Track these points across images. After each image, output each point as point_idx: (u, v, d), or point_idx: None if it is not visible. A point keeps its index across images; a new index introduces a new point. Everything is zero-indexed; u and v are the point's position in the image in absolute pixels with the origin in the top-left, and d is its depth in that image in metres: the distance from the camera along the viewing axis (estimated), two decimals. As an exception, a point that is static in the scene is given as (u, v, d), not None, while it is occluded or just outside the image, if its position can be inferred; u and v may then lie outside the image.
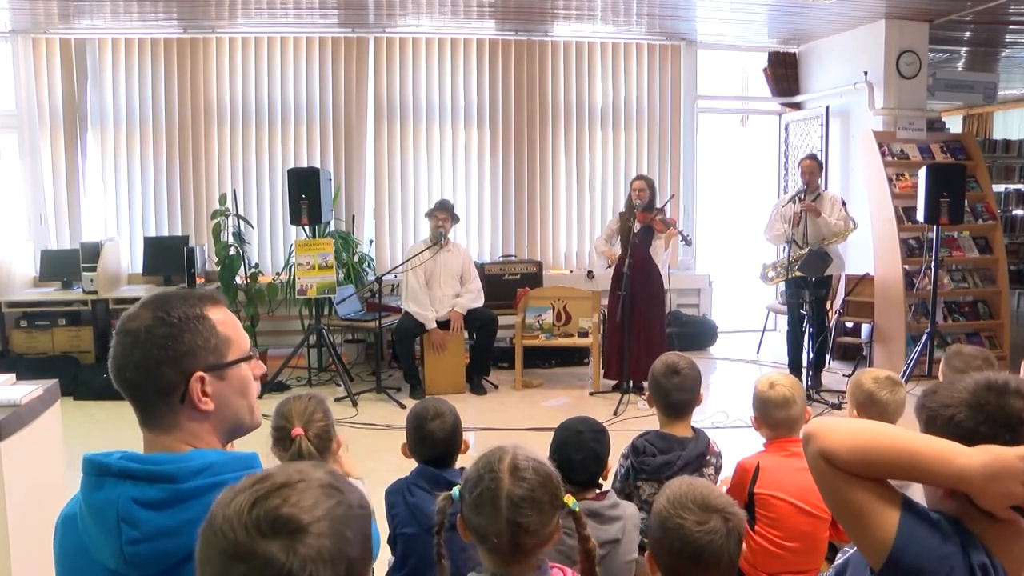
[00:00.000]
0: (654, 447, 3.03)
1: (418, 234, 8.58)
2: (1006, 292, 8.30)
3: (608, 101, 9.35)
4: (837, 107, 9.14)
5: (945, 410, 1.49)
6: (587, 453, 2.60)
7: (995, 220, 8.34)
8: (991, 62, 10.95)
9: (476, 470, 1.81)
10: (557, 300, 7.64)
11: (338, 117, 8.81)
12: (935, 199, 6.86)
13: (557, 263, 9.29)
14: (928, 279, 7.32)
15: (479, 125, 9.10)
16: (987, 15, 8.07)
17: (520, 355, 7.45)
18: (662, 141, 9.47)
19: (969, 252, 8.22)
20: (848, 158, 8.99)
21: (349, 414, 6.61)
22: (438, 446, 2.76)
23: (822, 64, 9.44)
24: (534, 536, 1.73)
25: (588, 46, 9.23)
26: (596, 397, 7.15)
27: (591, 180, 9.35)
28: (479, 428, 6.20)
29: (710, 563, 1.80)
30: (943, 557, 1.40)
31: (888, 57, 8.29)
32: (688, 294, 9.37)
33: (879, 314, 8.06)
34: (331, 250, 7.37)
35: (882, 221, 8.04)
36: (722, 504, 1.86)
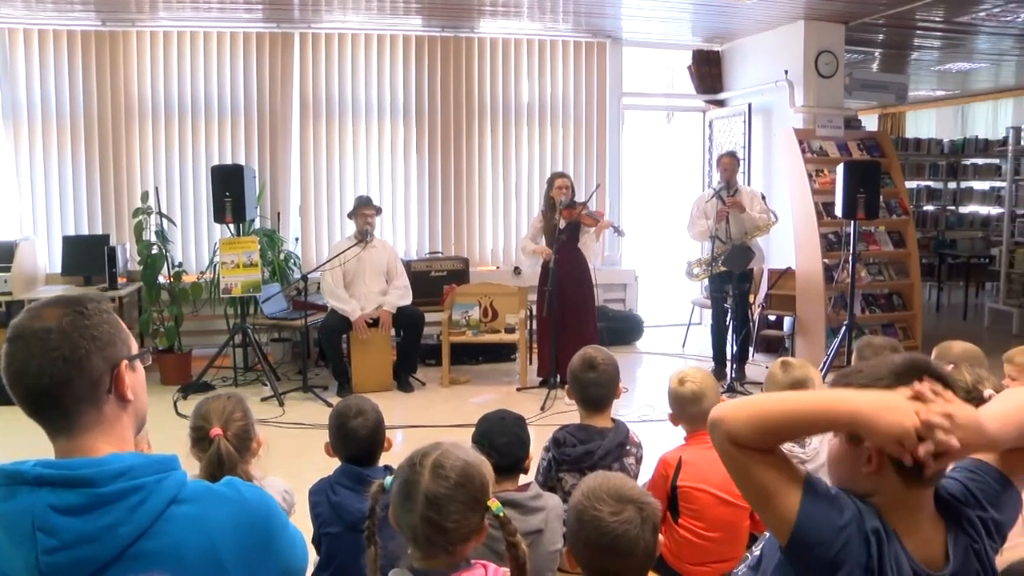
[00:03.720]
0: (575, 438, 3.07)
1: (344, 231, 8.51)
2: (918, 285, 8.57)
3: (535, 98, 9.39)
4: (759, 105, 9.32)
5: (877, 383, 1.55)
6: (511, 436, 2.65)
7: (908, 215, 8.61)
8: (902, 64, 11.29)
9: (404, 462, 1.83)
10: (484, 296, 7.66)
11: (263, 114, 8.69)
12: (852, 195, 7.03)
13: (484, 259, 9.32)
14: (846, 272, 7.51)
15: (406, 122, 9.06)
16: (897, 19, 8.32)
17: (447, 352, 7.46)
18: (588, 138, 9.55)
19: (884, 246, 8.47)
20: (770, 154, 9.18)
21: (275, 414, 6.53)
22: (361, 444, 2.76)
23: (745, 63, 9.62)
24: (447, 534, 1.74)
25: (515, 43, 9.27)
26: (523, 393, 7.19)
27: (518, 176, 9.39)
28: (407, 426, 6.19)
29: (626, 553, 1.83)
30: (839, 528, 1.47)
31: (807, 57, 8.49)
32: (614, 289, 9.47)
33: (800, 307, 8.26)
34: (256, 248, 7.28)
35: (803, 216, 8.23)
36: (636, 495, 1.89)
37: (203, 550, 1.37)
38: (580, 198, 7.52)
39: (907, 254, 8.52)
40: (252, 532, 1.44)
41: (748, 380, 7.29)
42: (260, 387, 7.26)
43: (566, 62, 9.44)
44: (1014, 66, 11.50)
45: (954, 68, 11.57)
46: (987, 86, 13.52)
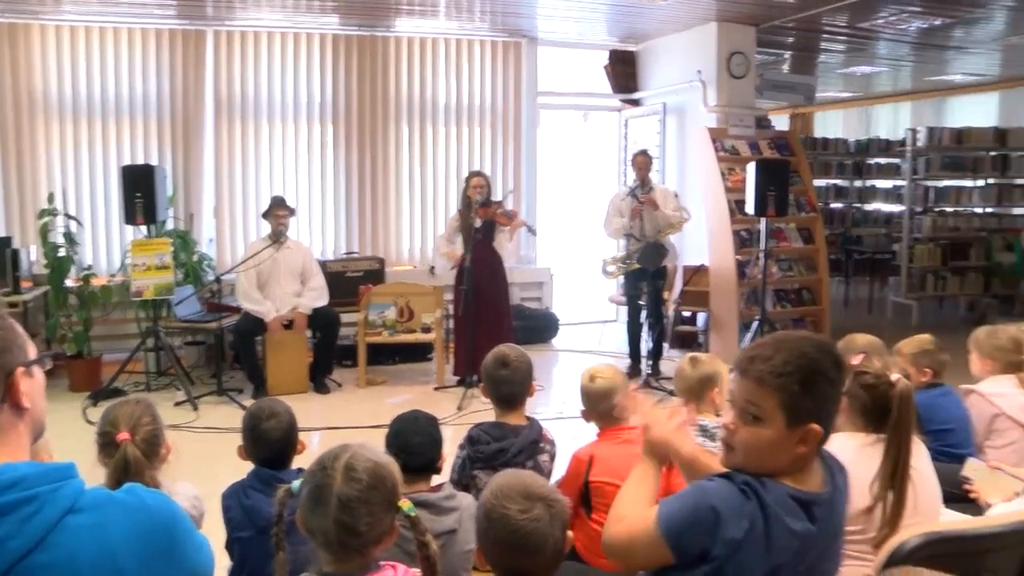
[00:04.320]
0: (488, 436, 3.09)
1: (260, 232, 8.38)
2: (826, 280, 8.83)
3: (451, 97, 9.38)
4: (673, 104, 9.48)
5: (823, 371, 1.78)
6: (425, 436, 2.64)
7: (816, 212, 8.86)
8: (811, 66, 11.61)
9: (313, 466, 1.82)
10: (400, 296, 7.64)
11: (175, 113, 8.50)
12: (763, 193, 7.21)
13: (400, 259, 9.28)
14: (758, 269, 7.69)
15: (322, 121, 8.97)
16: (805, 23, 8.55)
17: (364, 353, 7.42)
18: (504, 137, 9.59)
19: (794, 243, 8.70)
20: (684, 153, 9.33)
21: (189, 418, 6.42)
22: (273, 447, 2.73)
23: (659, 63, 9.77)
24: (361, 537, 1.74)
25: (431, 42, 9.24)
26: (440, 392, 7.19)
27: (434, 176, 9.37)
28: (323, 427, 6.15)
29: (535, 550, 1.85)
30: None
31: (720, 58, 8.66)
32: (530, 288, 9.53)
33: (714, 303, 8.43)
34: (168, 250, 7.13)
35: (716, 214, 8.40)
36: (545, 492, 1.92)
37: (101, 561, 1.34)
38: (497, 197, 7.54)
39: (816, 250, 8.76)
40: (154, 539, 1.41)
41: (663, 376, 7.41)
42: (174, 391, 7.12)
43: (483, 61, 9.47)
44: (911, 71, 11.95)
45: (858, 71, 11.95)
46: (888, 89, 14.01)
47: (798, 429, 1.76)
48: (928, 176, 11.42)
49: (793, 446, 1.77)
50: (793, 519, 1.74)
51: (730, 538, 1.70)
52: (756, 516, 1.71)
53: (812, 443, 1.78)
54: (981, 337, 3.82)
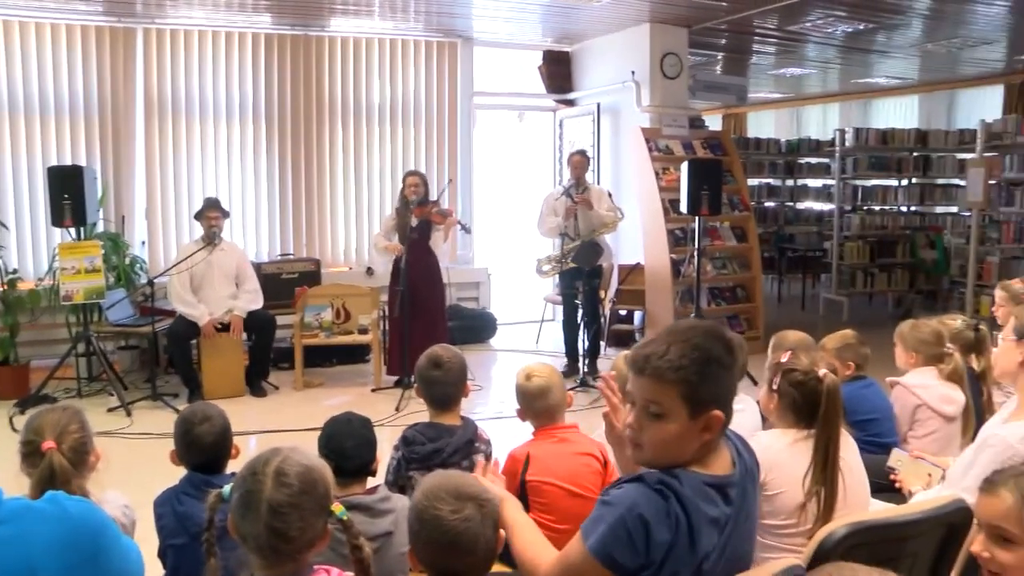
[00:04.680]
0: (423, 436, 3.09)
1: (194, 234, 8.24)
2: (759, 277, 8.99)
3: (386, 97, 9.34)
4: (608, 104, 9.56)
5: (713, 359, 1.81)
6: (359, 439, 2.64)
7: (749, 211, 9.02)
8: (743, 67, 11.80)
9: (244, 471, 1.80)
10: (336, 298, 7.59)
11: (104, 112, 8.31)
12: (697, 192, 7.30)
13: (336, 260, 9.22)
14: (692, 267, 7.79)
15: (255, 121, 8.86)
16: (737, 25, 8.70)
17: (300, 355, 7.35)
18: (440, 137, 9.58)
19: (728, 241, 8.84)
20: (619, 153, 9.43)
21: (123, 424, 6.30)
22: (207, 451, 2.70)
23: (594, 63, 9.84)
24: (293, 542, 1.72)
25: (366, 42, 9.20)
26: (378, 393, 7.16)
27: (369, 176, 9.32)
28: (260, 431, 6.08)
29: (467, 550, 1.85)
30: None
31: (653, 58, 8.77)
32: (467, 288, 9.53)
33: (650, 301, 8.53)
34: (99, 253, 6.99)
35: (650, 213, 8.50)
36: (475, 492, 1.92)
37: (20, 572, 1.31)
38: (433, 196, 7.53)
39: (749, 248, 8.91)
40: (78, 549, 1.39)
41: (600, 375, 7.47)
42: (106, 397, 6.97)
43: (417, 62, 9.44)
44: (838, 73, 12.24)
45: (788, 73, 12.20)
46: (817, 90, 14.33)
47: (700, 418, 1.79)
48: (856, 175, 11.69)
49: (698, 434, 1.81)
50: (711, 506, 1.77)
51: (662, 542, 1.72)
52: (679, 513, 1.73)
53: (715, 428, 1.81)
54: (905, 331, 3.93)
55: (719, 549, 1.79)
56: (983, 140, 9.14)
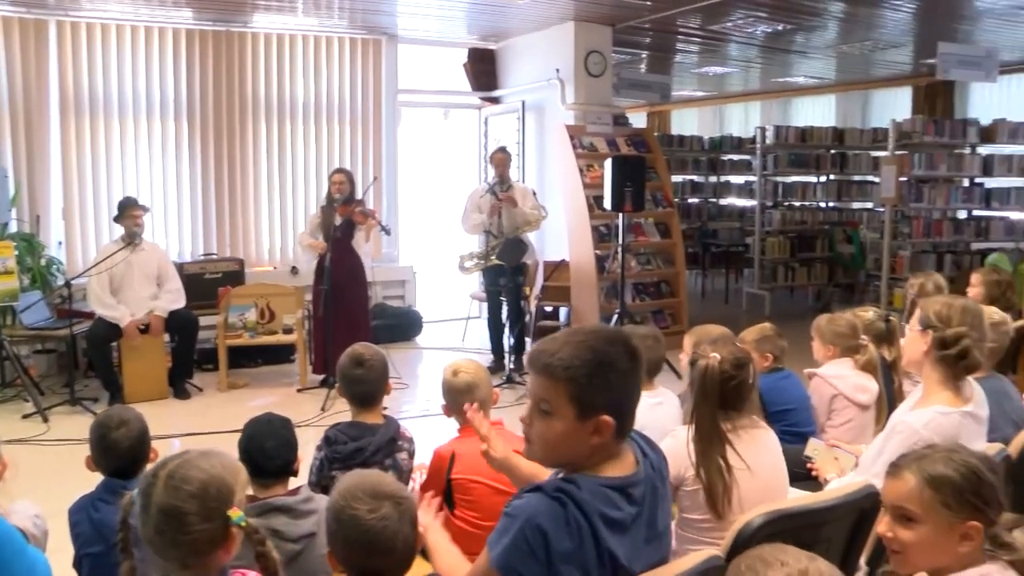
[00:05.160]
0: (345, 435, 3.07)
1: (112, 233, 8.05)
2: (683, 273, 9.13)
3: (311, 95, 9.24)
4: (532, 102, 9.61)
5: (605, 363, 1.80)
6: (279, 440, 2.61)
7: (672, 207, 9.14)
8: (667, 66, 11.97)
9: (146, 472, 1.78)
10: (260, 298, 7.49)
11: (15, 108, 8.04)
12: (620, 188, 7.38)
13: (260, 260, 9.10)
14: (617, 263, 7.87)
15: (176, 119, 8.69)
16: (661, 23, 8.82)
17: (224, 355, 7.24)
18: (365, 134, 9.51)
19: (652, 237, 8.95)
20: (543, 150, 9.48)
21: (39, 431, 6.13)
22: (123, 456, 2.64)
23: (518, 61, 9.88)
24: (182, 547, 1.69)
25: (289, 39, 9.08)
26: (304, 393, 7.10)
27: (294, 174, 9.22)
28: (184, 434, 5.97)
29: (386, 550, 1.85)
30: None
31: (577, 56, 8.83)
32: (393, 286, 9.49)
33: (575, 297, 8.60)
34: (11, 254, 6.80)
35: (575, 210, 8.57)
36: (392, 490, 1.91)
37: None
38: (359, 193, 7.49)
39: (673, 244, 9.04)
40: None
41: (527, 372, 7.48)
42: (21, 403, 6.76)
43: (342, 59, 9.37)
44: (759, 72, 12.50)
45: (711, 71, 12.41)
46: (739, 89, 14.60)
47: (589, 420, 1.79)
48: (776, 172, 11.93)
49: (587, 437, 1.80)
50: (612, 508, 1.78)
51: (564, 551, 1.72)
52: (579, 519, 1.74)
53: (606, 433, 1.80)
54: (822, 324, 4.04)
55: (630, 549, 1.81)
56: (894, 139, 9.42)
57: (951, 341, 2.79)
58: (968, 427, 2.75)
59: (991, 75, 8.50)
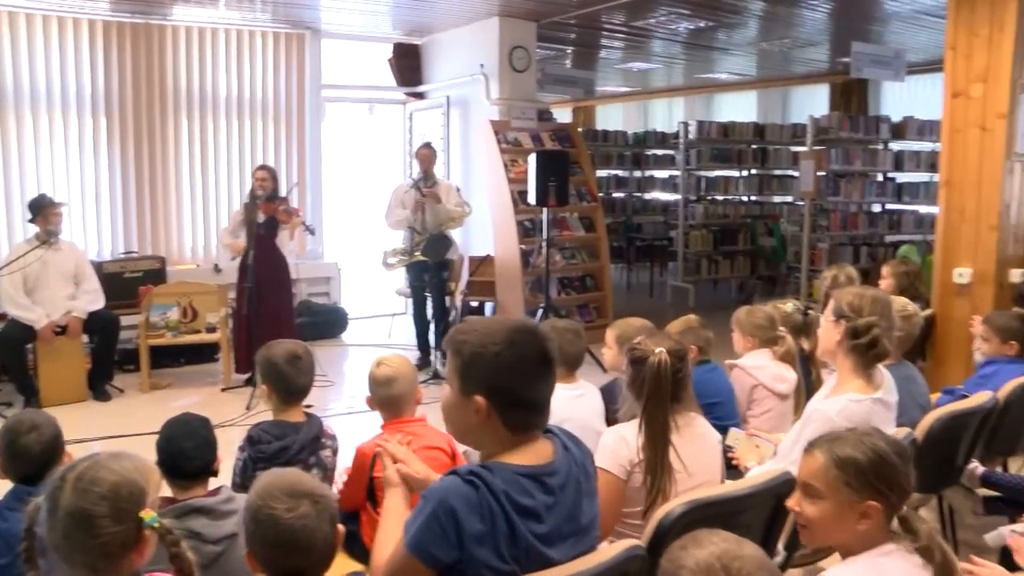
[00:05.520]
0: (269, 435, 3.04)
1: (26, 232, 7.80)
2: (608, 266, 9.22)
3: (233, 89, 9.10)
4: (457, 97, 9.60)
5: (490, 347, 1.86)
6: (198, 440, 2.57)
7: (596, 202, 9.23)
8: (592, 61, 12.07)
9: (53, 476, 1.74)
10: (183, 296, 7.36)
11: (-82, 101, 7.79)
12: (544, 183, 7.42)
13: (183, 258, 8.93)
14: (541, 257, 7.91)
15: (94, 113, 8.45)
16: (585, 20, 8.89)
17: (146, 356, 7.10)
18: (288, 130, 9.39)
19: (577, 231, 9.02)
20: (468, 145, 9.49)
21: (-53, 438, 5.93)
22: (34, 462, 2.57)
23: (443, 56, 9.86)
24: (90, 552, 1.66)
25: (211, 32, 8.92)
26: (228, 393, 7.00)
27: (217, 171, 9.07)
28: (104, 437, 5.83)
29: (305, 548, 1.83)
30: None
31: (502, 51, 8.84)
32: (318, 283, 9.40)
33: (500, 292, 8.62)
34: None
35: (500, 205, 8.60)
36: (311, 488, 1.89)
37: None
38: (283, 192, 7.40)
39: (597, 238, 9.12)
40: None
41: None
42: (-73, 409, 6.55)
43: (265, 53, 9.24)
44: (683, 68, 12.69)
45: (635, 67, 12.54)
46: (663, 84, 14.79)
47: (469, 398, 1.88)
48: (699, 167, 12.12)
49: (470, 415, 1.89)
50: (525, 496, 1.82)
51: (475, 532, 1.76)
52: (491, 503, 1.77)
53: (481, 414, 1.87)
54: (741, 317, 4.12)
55: (547, 538, 1.84)
56: (812, 134, 9.66)
57: (862, 331, 2.87)
58: (878, 413, 2.84)
59: (899, 75, 8.76)
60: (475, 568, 1.77)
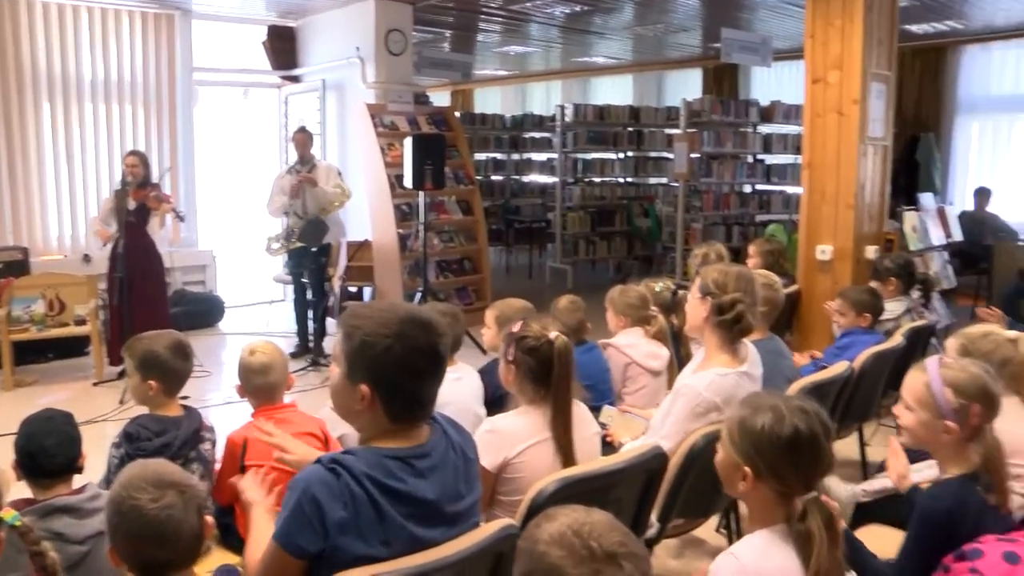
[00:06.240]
0: (149, 431, 2.92)
1: None
2: (486, 249, 9.26)
3: (99, 71, 8.73)
4: (333, 81, 9.48)
5: (380, 339, 1.85)
6: (61, 436, 2.48)
7: (474, 185, 9.25)
8: (470, 45, 12.07)
9: None
10: (48, 288, 7.05)
11: None
12: (420, 167, 7.39)
13: (48, 248, 8.56)
14: (419, 241, 7.88)
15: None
16: (463, 2, 8.89)
17: (8, 352, 6.75)
18: (159, 114, 9.09)
19: (454, 215, 9.03)
20: (345, 129, 9.39)
21: None
22: None
23: (319, 39, 9.72)
24: None
25: (72, 10, 8.53)
26: (101, 387, 6.75)
27: (84, 156, 8.71)
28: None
29: (171, 540, 1.79)
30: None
31: (378, 34, 8.76)
32: (193, 271, 9.16)
33: (379, 276, 8.58)
34: None
35: (377, 189, 8.54)
36: (176, 478, 1.85)
37: None
38: (156, 178, 7.16)
39: (475, 221, 9.16)
40: None
41: (328, 354, 7.41)
42: None
43: (132, 34, 8.91)
44: (560, 52, 12.82)
45: (513, 51, 12.60)
46: (541, 68, 14.91)
47: (355, 385, 1.88)
48: (576, 149, 12.27)
49: (354, 400, 1.89)
50: (392, 479, 1.83)
51: (338, 520, 1.77)
52: (354, 489, 1.78)
53: (365, 405, 1.89)
54: (614, 296, 4.21)
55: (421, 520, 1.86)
56: (685, 117, 9.91)
57: (727, 307, 2.98)
58: (744, 386, 2.96)
59: (766, 60, 9.09)
60: (342, 555, 1.78)
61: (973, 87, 11.27)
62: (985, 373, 2.33)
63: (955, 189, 11.37)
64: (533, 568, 1.42)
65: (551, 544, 1.41)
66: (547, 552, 1.40)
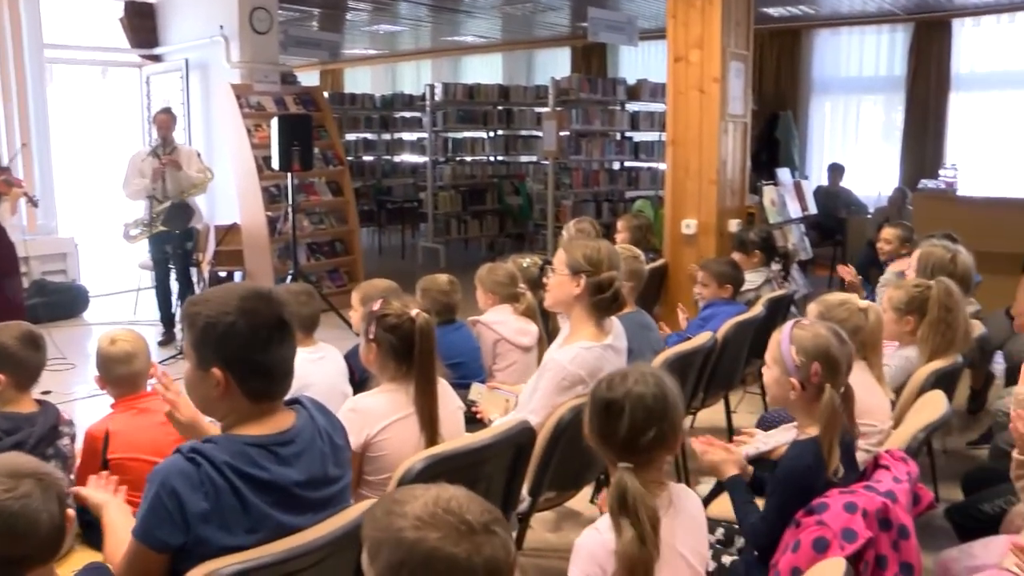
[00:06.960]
0: (0, 430, 2.81)
1: None
2: (357, 230, 9.18)
3: (-65, 48, 8.24)
4: (196, 60, 9.22)
5: (223, 317, 1.84)
6: None
7: (344, 165, 9.14)
8: (339, 23, 11.89)
9: None
10: None
11: None
12: (287, 148, 7.25)
13: None
14: (288, 223, 7.75)
15: None
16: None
17: None
18: (6, 94, 8.58)
19: (324, 196, 8.91)
20: (209, 110, 9.14)
21: None
22: None
23: (180, 16, 9.44)
24: None
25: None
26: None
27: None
28: None
29: (28, 531, 1.69)
30: None
31: (242, 12, 8.54)
32: (53, 260, 8.71)
33: (248, 260, 8.42)
34: None
35: (244, 171, 8.36)
36: (32, 468, 1.76)
37: None
38: (5, 162, 6.81)
39: (345, 202, 9.07)
40: None
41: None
42: None
43: (-28, 8, 8.42)
44: (430, 31, 12.77)
45: (382, 30, 12.48)
46: (411, 47, 14.82)
47: (207, 372, 1.87)
48: (446, 128, 12.26)
49: (210, 389, 1.88)
50: (255, 468, 1.81)
51: (199, 511, 1.74)
52: (214, 478, 1.76)
53: (221, 390, 1.87)
54: (483, 274, 4.24)
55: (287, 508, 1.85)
56: (554, 96, 10.01)
57: (606, 285, 3.02)
58: (609, 359, 3.03)
59: (633, 39, 9.27)
60: (206, 546, 1.75)
61: (826, 68, 11.76)
62: (833, 336, 2.41)
63: (811, 165, 11.85)
64: (405, 558, 1.30)
65: (422, 527, 1.30)
66: (421, 537, 1.29)
